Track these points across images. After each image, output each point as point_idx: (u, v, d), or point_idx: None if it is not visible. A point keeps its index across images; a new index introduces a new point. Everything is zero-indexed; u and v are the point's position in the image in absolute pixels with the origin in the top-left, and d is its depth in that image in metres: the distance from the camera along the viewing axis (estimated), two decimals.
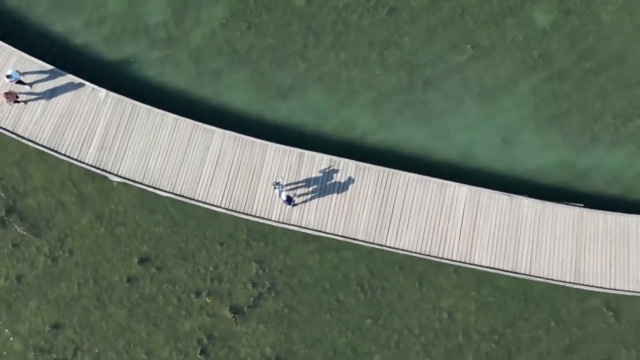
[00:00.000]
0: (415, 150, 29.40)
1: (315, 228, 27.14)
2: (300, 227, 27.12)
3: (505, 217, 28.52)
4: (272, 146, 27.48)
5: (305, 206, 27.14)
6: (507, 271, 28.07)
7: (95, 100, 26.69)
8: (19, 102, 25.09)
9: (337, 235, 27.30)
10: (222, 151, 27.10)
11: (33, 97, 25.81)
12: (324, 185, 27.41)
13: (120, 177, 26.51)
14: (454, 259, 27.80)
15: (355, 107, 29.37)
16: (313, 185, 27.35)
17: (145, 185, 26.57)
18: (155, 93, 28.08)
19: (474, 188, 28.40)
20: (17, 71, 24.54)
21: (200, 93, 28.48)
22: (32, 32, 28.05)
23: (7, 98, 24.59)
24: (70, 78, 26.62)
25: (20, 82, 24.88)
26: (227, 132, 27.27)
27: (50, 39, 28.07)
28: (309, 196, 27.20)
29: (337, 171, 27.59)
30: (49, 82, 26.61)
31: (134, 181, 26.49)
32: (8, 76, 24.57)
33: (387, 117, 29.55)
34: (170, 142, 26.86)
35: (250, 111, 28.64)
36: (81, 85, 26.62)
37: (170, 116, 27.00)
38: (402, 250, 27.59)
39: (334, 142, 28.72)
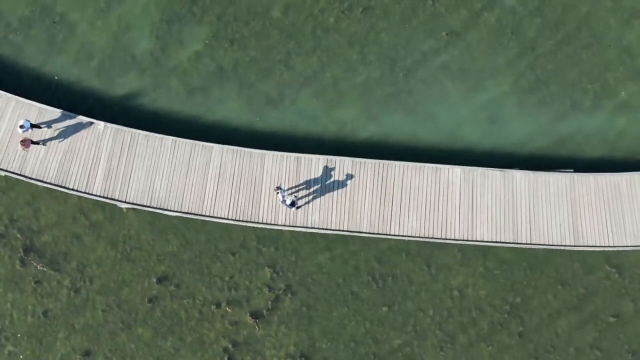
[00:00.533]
0: (405, 139, 30.12)
1: (320, 227, 27.82)
2: (307, 227, 27.79)
3: (500, 191, 29.27)
4: (270, 154, 28.15)
5: (308, 207, 27.82)
6: (509, 243, 28.80)
7: (95, 133, 27.32)
8: (37, 143, 25.82)
9: (343, 230, 27.98)
10: (222, 165, 27.76)
11: (38, 137, 26.48)
12: (324, 185, 28.10)
13: (129, 203, 27.12)
14: (456, 238, 28.52)
15: (343, 106, 30.09)
16: (313, 186, 28.03)
17: (153, 207, 27.19)
18: (151, 119, 28.68)
19: (467, 168, 29.13)
20: (27, 120, 25.28)
21: (194, 112, 29.13)
22: (25, 76, 28.65)
23: (24, 145, 25.35)
24: (68, 115, 27.24)
25: (34, 125, 25.63)
26: (225, 146, 27.91)
27: (43, 80, 28.65)
28: (311, 197, 27.88)
29: (334, 170, 28.29)
30: (48, 121, 27.21)
31: (142, 205, 27.11)
32: (21, 126, 25.45)
33: (375, 111, 30.27)
34: (172, 164, 27.49)
35: (244, 123, 29.31)
36: (79, 120, 27.25)
37: (169, 139, 27.63)
38: (407, 236, 28.29)
39: (328, 143, 29.41)
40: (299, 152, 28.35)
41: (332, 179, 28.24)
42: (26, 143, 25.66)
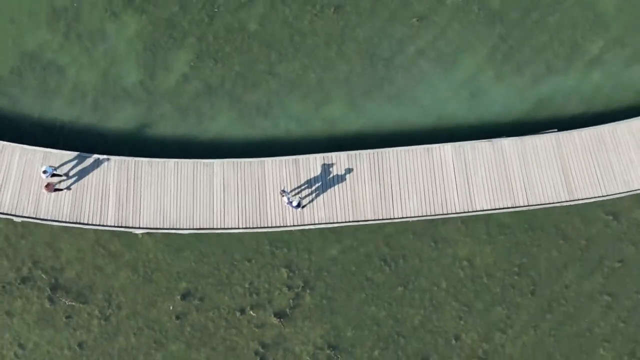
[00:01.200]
0: (394, 125, 30.87)
1: (327, 221, 28.56)
2: (315, 224, 28.52)
3: (492, 160, 30.05)
4: (268, 160, 28.85)
5: (313, 205, 28.55)
6: (507, 208, 29.59)
7: (101, 167, 27.96)
8: (60, 189, 26.47)
9: (349, 221, 28.72)
10: (225, 179, 28.45)
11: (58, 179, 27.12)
12: (325, 182, 28.82)
13: (142, 228, 27.78)
14: (457, 211, 29.30)
15: (331, 104, 30.82)
16: (315, 184, 28.75)
17: (167, 229, 27.86)
18: (151, 145, 29.33)
19: (457, 143, 29.91)
20: (50, 166, 25.97)
21: (190, 132, 29.77)
22: (25, 124, 29.22)
23: (47, 189, 25.97)
24: (72, 154, 27.84)
25: (55, 174, 26.30)
26: (225, 160, 28.60)
27: (43, 124, 29.23)
28: (314, 195, 28.60)
29: (332, 166, 29.02)
30: (49, 163, 27.79)
31: (156, 228, 27.78)
32: (44, 172, 26.10)
33: (362, 104, 31.00)
34: (177, 185, 28.17)
35: (240, 135, 29.98)
36: (84, 157, 27.88)
37: (171, 161, 28.30)
38: (410, 217, 29.07)
39: (322, 141, 30.13)
40: (296, 154, 29.00)
41: (331, 175, 28.97)
42: (50, 187, 26.33)
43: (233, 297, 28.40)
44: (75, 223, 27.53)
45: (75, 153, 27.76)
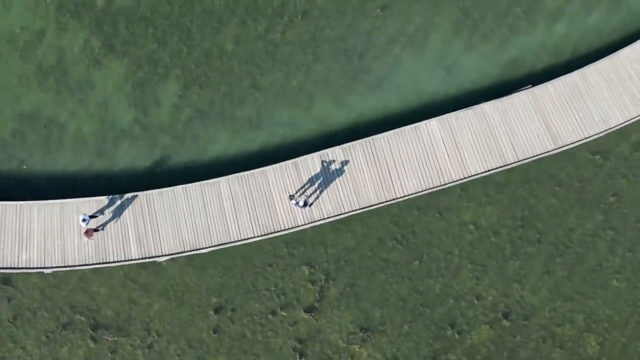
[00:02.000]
0: (380, 113, 31.83)
1: (335, 214, 29.50)
2: (324, 219, 29.45)
3: (477, 126, 31.02)
4: (270, 169, 29.78)
5: (320, 201, 29.48)
6: (500, 167, 30.56)
7: (117, 207, 28.83)
8: (99, 230, 27.34)
9: (355, 210, 29.64)
10: (233, 194, 29.35)
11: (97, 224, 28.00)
12: (326, 177, 29.75)
13: (165, 255, 28.66)
14: (454, 179, 30.26)
15: (317, 105, 31.75)
16: (317, 182, 29.67)
17: (188, 251, 28.74)
18: (158, 176, 30.21)
19: (441, 117, 30.90)
20: (86, 214, 26.86)
21: (192, 157, 30.67)
22: (36, 181, 30.00)
23: (88, 235, 27.03)
24: (87, 200, 28.68)
25: (93, 216, 27.19)
26: (229, 176, 29.52)
27: (53, 178, 30.01)
28: (319, 192, 29.52)
29: (330, 161, 29.94)
30: (67, 214, 28.63)
31: (177, 253, 28.67)
32: (83, 220, 27.10)
33: (345, 99, 31.96)
34: (189, 208, 29.06)
35: (238, 150, 30.90)
36: (99, 201, 28.74)
37: (179, 188, 29.21)
38: (411, 194, 30.01)
39: (316, 140, 31.09)
40: (294, 157, 29.89)
41: (331, 170, 29.89)
42: (89, 233, 27.25)
43: (262, 302, 29.28)
44: (102, 263, 28.39)
45: (90, 198, 28.61)
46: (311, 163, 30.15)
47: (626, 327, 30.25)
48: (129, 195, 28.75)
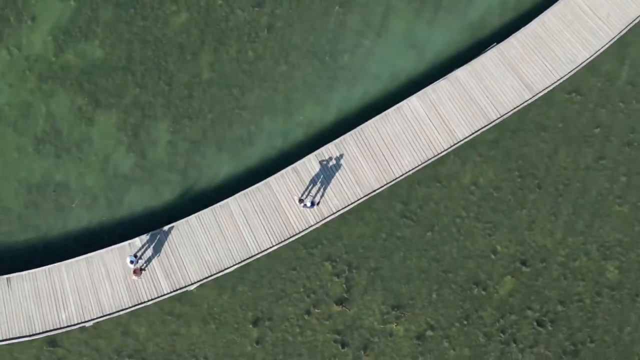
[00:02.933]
0: (363, 102, 32.54)
1: (343, 206, 30.18)
2: (333, 214, 30.09)
3: (454, 93, 31.73)
4: (272, 179, 30.46)
5: (326, 198, 30.15)
6: (485, 126, 31.27)
7: (138, 248, 29.42)
8: (144, 270, 28.25)
9: (361, 198, 30.29)
10: (243, 210, 30.01)
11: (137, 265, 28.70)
12: (326, 174, 30.41)
13: (194, 283, 29.27)
14: (445, 148, 30.97)
15: (302, 109, 32.43)
16: (319, 180, 30.33)
17: (214, 274, 29.35)
18: (168, 212, 30.81)
19: (419, 92, 31.62)
20: (133, 255, 27.59)
21: (197, 186, 31.32)
22: (57, 243, 30.58)
23: (136, 274, 28.11)
24: (109, 249, 29.29)
25: (135, 256, 27.94)
26: (236, 195, 30.21)
27: (73, 236, 30.58)
28: (323, 189, 30.17)
29: (326, 159, 30.61)
30: (94, 266, 29.23)
31: (205, 278, 29.28)
32: (131, 262, 27.94)
33: (327, 97, 32.64)
34: (206, 234, 29.71)
35: (238, 169, 31.57)
36: (120, 248, 29.33)
37: (192, 217, 29.86)
38: (409, 171, 30.67)
39: (309, 142, 31.76)
40: (292, 163, 30.49)
41: (329, 166, 30.55)
42: (137, 272, 28.22)
43: (295, 305, 29.91)
44: (138, 305, 29.01)
45: (111, 247, 29.23)
46: (309, 165, 30.81)
47: (639, 246, 30.93)
48: (147, 235, 29.34)
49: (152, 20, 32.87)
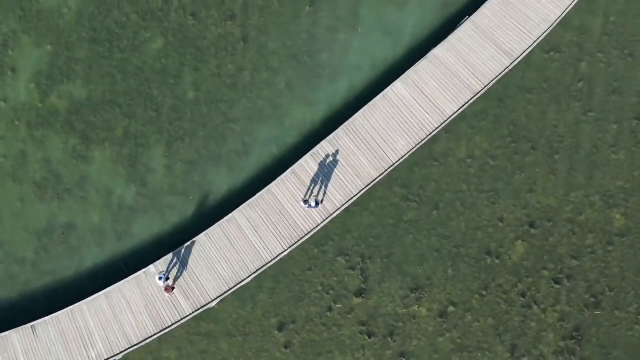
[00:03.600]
0: (348, 95, 32.53)
1: (346, 200, 30.16)
2: (338, 209, 30.08)
3: (436, 71, 31.74)
4: (272, 185, 30.47)
5: (328, 195, 30.13)
6: (471, 99, 31.25)
7: (154, 275, 29.39)
8: (175, 287, 28.40)
9: (362, 189, 30.28)
10: (250, 220, 29.99)
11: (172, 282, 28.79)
12: (325, 172, 30.40)
13: (214, 300, 29.25)
14: (436, 126, 30.99)
15: (290, 113, 32.49)
16: (319, 179, 30.32)
17: (232, 288, 29.34)
18: (178, 235, 30.78)
19: (402, 77, 31.58)
20: (161, 273, 27.81)
21: (201, 205, 31.32)
22: (74, 283, 30.58)
23: (168, 291, 28.25)
24: (126, 281, 29.28)
25: (165, 276, 28.19)
26: (241, 207, 30.19)
27: (89, 273, 30.57)
28: (324, 187, 30.15)
29: (322, 157, 30.60)
30: (114, 300, 29.21)
31: (223, 294, 29.26)
32: (160, 278, 28.01)
33: (313, 97, 32.64)
34: (218, 250, 29.70)
35: (238, 181, 31.59)
36: (137, 277, 29.31)
37: (201, 236, 29.87)
38: (405, 155, 30.65)
39: (303, 143, 31.75)
40: (290, 166, 30.47)
41: (327, 163, 30.54)
42: (168, 289, 28.32)
43: (316, 304, 29.91)
44: (163, 330, 29.01)
45: (128, 278, 29.23)
46: (307, 165, 30.80)
47: None
48: (161, 261, 29.32)
49: (129, 51, 32.78)
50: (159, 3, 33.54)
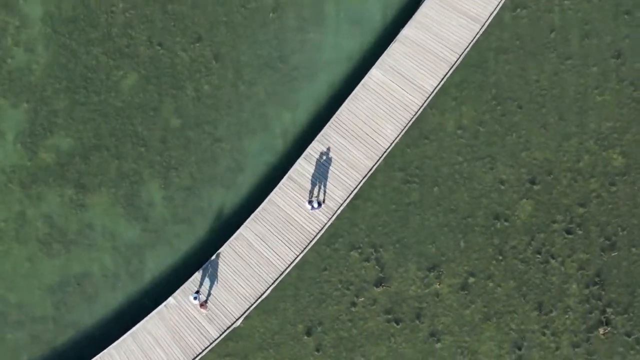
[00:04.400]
0: (329, 92, 32.28)
1: (347, 195, 29.86)
2: (341, 205, 29.75)
3: (409, 50, 31.40)
4: (272, 194, 30.20)
5: (329, 193, 29.80)
6: (449, 71, 30.90)
7: (173, 308, 29.05)
8: (208, 302, 28.25)
9: (361, 181, 29.97)
10: (258, 234, 29.67)
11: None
12: (321, 171, 30.08)
13: (238, 319, 28.91)
14: (420, 104, 30.69)
15: (275, 119, 32.18)
16: (317, 179, 29.97)
17: (253, 303, 29.02)
18: (190, 261, 30.47)
19: (377, 63, 31.25)
20: (194, 292, 27.98)
21: (206, 228, 31.01)
22: (98, 331, 30.25)
23: (203, 307, 28.30)
24: (149, 317, 28.92)
25: (197, 292, 27.96)
26: (245, 222, 29.86)
27: (110, 318, 30.23)
28: (323, 187, 29.80)
29: (315, 157, 30.23)
30: (141, 338, 28.86)
31: (246, 310, 28.94)
32: (194, 298, 27.90)
33: (294, 100, 32.36)
34: (231, 268, 29.40)
35: (238, 197, 31.29)
36: (159, 312, 28.95)
37: (214, 258, 29.63)
38: (395, 140, 30.34)
39: (293, 146, 31.52)
40: (285, 172, 30.11)
41: (321, 162, 30.20)
42: (204, 305, 28.27)
43: (339, 302, 29.59)
44: (194, 358, 28.63)
45: (150, 315, 28.88)
46: (302, 168, 30.47)
47: (632, 125, 30.61)
48: (178, 291, 28.97)
49: (105, 93, 32.43)
50: (124, 40, 33.11)
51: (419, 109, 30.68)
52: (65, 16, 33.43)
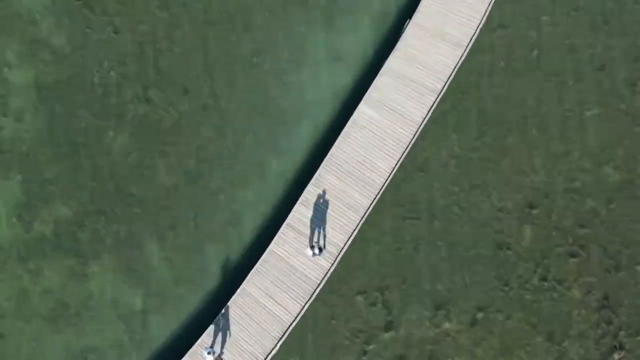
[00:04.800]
0: (318, 131, 29.37)
1: (347, 237, 27.28)
2: (342, 248, 26.57)
3: (395, 82, 29.19)
4: (272, 245, 27.67)
5: (329, 238, 27.16)
6: (436, 99, 26.90)
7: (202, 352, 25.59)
8: (223, 358, 25.57)
9: (359, 221, 26.69)
10: (260, 288, 27.25)
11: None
12: (319, 215, 27.39)
13: (266, 357, 24.92)
14: (411, 137, 27.86)
15: (268, 166, 29.71)
16: (315, 223, 26.83)
17: (275, 344, 24.89)
18: (197, 323, 26.93)
19: (364, 98, 28.11)
20: (208, 348, 24.95)
21: (210, 283, 28.19)
22: None
23: None
24: None
25: (211, 347, 25.45)
26: (247, 277, 27.17)
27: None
28: (323, 230, 26.77)
29: (313, 201, 26.94)
30: None
31: (271, 349, 24.84)
32: (208, 353, 24.91)
33: (285, 144, 30.11)
34: (238, 326, 26.62)
35: (237, 251, 28.54)
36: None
37: (219, 318, 26.68)
38: (389, 174, 27.11)
39: (289, 192, 28.26)
40: (283, 220, 27.04)
41: (319, 206, 27.11)
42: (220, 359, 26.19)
43: (349, 351, 26.77)
44: None
45: None
46: (299, 214, 26.69)
47: (623, 138, 26.32)
48: (191, 351, 24.83)
49: (97, 156, 28.50)
50: (112, 99, 28.57)
51: (410, 141, 26.74)
52: (50, 81, 29.19)
